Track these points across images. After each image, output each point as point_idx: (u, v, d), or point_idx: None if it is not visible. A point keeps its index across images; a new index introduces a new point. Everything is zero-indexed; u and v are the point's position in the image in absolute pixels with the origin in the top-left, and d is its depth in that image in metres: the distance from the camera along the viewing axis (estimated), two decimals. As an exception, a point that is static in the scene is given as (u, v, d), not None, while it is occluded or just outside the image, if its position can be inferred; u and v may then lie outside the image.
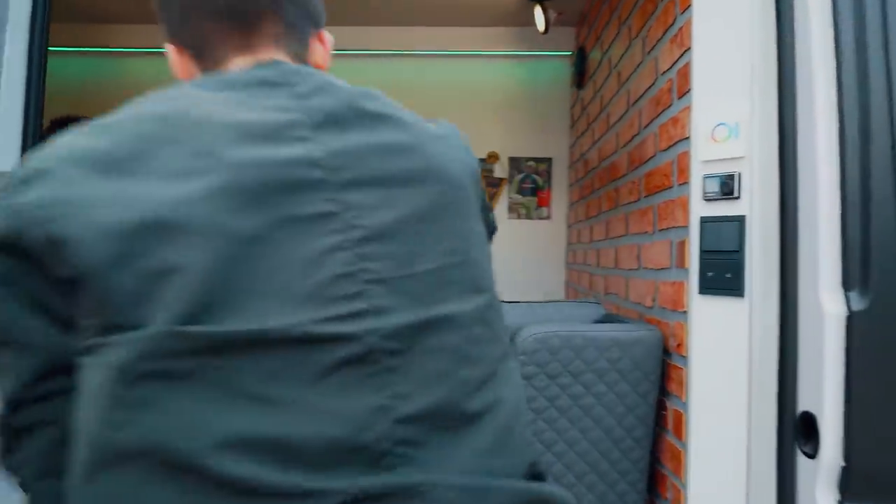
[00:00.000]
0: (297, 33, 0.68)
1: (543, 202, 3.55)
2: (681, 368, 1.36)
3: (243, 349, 0.48)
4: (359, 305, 0.52)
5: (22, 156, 1.26)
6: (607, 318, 1.56)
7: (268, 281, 0.50)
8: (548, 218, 3.54)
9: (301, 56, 0.69)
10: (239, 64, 0.65)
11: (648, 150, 1.65)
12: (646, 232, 1.66)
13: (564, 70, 3.41)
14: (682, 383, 1.36)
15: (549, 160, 3.54)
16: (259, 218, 0.50)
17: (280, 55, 0.66)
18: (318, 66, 0.70)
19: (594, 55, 2.69)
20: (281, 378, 0.49)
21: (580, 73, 3.03)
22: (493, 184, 3.55)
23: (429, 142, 0.61)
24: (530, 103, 3.51)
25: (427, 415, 0.52)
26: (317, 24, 0.72)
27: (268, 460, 0.47)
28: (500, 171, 3.56)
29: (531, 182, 3.56)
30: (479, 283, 0.61)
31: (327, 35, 0.73)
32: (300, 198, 0.53)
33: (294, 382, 0.49)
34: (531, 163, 3.55)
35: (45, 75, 1.30)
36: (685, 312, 1.32)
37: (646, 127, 1.69)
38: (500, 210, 3.56)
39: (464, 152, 0.66)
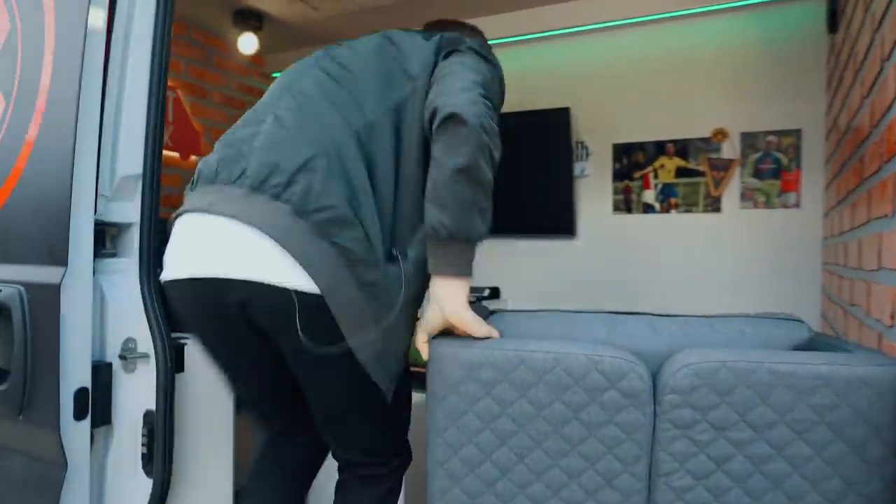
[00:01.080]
0: None
1: (790, 186, 2.83)
2: (921, 431, 0.84)
3: None
4: None
5: (145, 159, 1.32)
6: (812, 345, 1.06)
7: None
8: (796, 206, 2.81)
9: None
10: None
11: (889, 92, 1.10)
12: (885, 215, 1.11)
13: (816, 15, 2.67)
14: (920, 456, 0.83)
15: (797, 132, 2.80)
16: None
17: None
18: None
19: (847, -15, 2.01)
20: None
21: (832, 14, 2.32)
22: (720, 166, 2.95)
23: None
24: (768, 63, 2.82)
25: None
26: None
27: None
28: (728, 150, 2.93)
29: (773, 161, 2.86)
30: None
31: None
32: None
33: None
34: (772, 137, 2.86)
35: (165, 83, 1.34)
36: (927, 340, 0.80)
37: (888, 58, 1.13)
38: (731, 198, 2.93)
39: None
